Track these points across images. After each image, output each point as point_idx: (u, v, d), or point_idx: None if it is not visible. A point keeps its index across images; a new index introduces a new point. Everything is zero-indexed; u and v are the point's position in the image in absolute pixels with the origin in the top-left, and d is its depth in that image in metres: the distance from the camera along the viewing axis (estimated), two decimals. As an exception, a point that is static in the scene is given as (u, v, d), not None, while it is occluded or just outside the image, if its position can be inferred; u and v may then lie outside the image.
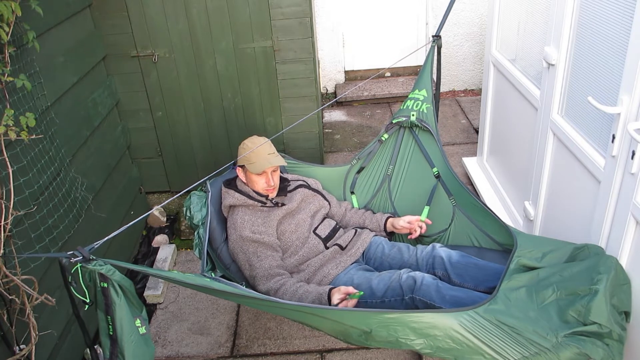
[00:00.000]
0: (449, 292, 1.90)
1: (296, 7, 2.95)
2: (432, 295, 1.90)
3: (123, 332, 1.42)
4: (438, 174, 2.42)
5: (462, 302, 1.86)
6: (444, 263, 2.09)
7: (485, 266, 2.05)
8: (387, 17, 4.75)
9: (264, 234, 2.14)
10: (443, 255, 2.11)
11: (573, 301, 1.61)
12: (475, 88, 4.92)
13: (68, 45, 2.50)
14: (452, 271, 2.07)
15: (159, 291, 2.76)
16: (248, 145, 2.24)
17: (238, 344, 2.50)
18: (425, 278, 1.94)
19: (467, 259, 2.09)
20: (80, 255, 1.35)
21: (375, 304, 1.99)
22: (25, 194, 1.95)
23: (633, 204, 1.66)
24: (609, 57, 1.78)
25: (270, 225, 2.18)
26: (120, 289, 1.42)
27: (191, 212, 2.30)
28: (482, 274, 2.03)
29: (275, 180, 2.24)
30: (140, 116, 3.24)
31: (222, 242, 2.28)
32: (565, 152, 2.14)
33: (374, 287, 2.01)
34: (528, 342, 1.55)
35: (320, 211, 2.35)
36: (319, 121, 3.37)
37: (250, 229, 2.15)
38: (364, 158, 2.59)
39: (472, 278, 2.04)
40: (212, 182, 2.39)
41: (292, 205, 2.27)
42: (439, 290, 1.91)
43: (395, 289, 1.97)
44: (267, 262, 2.09)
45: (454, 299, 1.88)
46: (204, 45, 3.05)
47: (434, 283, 1.93)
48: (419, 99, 2.53)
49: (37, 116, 2.09)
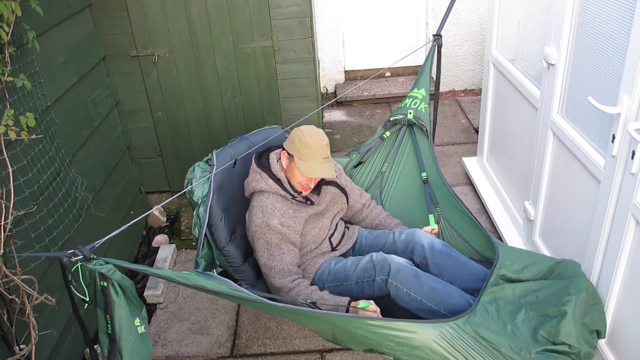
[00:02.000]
0: (427, 282, 1.91)
1: (296, 7, 2.95)
2: (410, 282, 1.89)
3: (122, 331, 1.44)
4: (426, 179, 2.44)
5: (438, 295, 1.88)
6: (425, 251, 2.08)
7: (466, 263, 2.07)
8: (387, 17, 4.75)
9: (291, 229, 2.05)
10: (424, 244, 2.10)
11: (543, 322, 1.67)
12: (475, 88, 4.92)
13: (68, 45, 2.50)
14: (432, 260, 2.06)
15: (159, 291, 2.76)
16: (307, 142, 1.99)
17: (238, 343, 2.50)
18: (400, 263, 1.94)
19: (449, 251, 2.09)
20: (81, 254, 1.35)
21: (350, 286, 2.01)
22: (25, 194, 1.95)
23: (633, 204, 1.66)
24: (609, 57, 1.78)
25: (299, 222, 2.09)
26: (120, 288, 1.42)
27: (192, 187, 2.14)
28: (461, 272, 2.04)
29: (314, 184, 2.11)
30: (140, 116, 3.24)
31: (219, 221, 2.14)
32: (565, 152, 2.14)
33: (347, 268, 2.04)
34: (503, 357, 1.60)
35: (338, 214, 2.29)
36: (319, 121, 3.37)
37: (280, 219, 2.03)
38: (363, 153, 2.60)
39: (450, 274, 2.04)
40: (218, 153, 2.21)
41: (320, 206, 2.18)
42: (417, 277, 1.91)
43: (367, 270, 1.98)
44: (289, 257, 2.04)
45: (431, 291, 1.88)
46: (204, 45, 3.05)
47: (412, 270, 1.93)
48: (418, 98, 2.55)
49: (37, 116, 2.09)
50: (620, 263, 1.77)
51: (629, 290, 1.76)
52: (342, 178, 2.34)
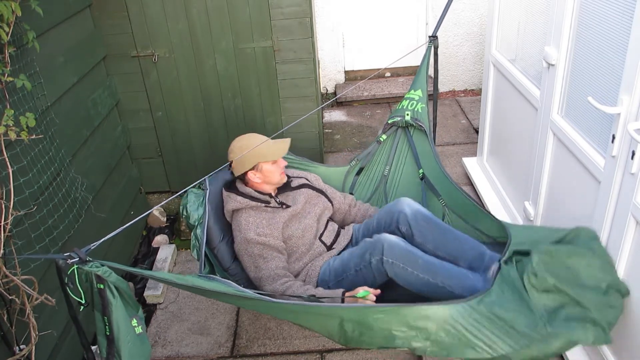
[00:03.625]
0: (422, 256, 1.92)
1: (296, 7, 2.95)
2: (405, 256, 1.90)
3: (119, 332, 1.45)
4: (423, 175, 2.44)
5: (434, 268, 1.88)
6: (408, 218, 2.11)
7: (449, 230, 2.09)
8: (387, 17, 4.75)
9: (269, 236, 2.12)
10: (407, 212, 2.12)
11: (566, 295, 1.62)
12: (475, 88, 4.92)
13: (68, 45, 2.50)
14: (416, 228, 2.09)
15: (159, 291, 2.76)
16: (251, 143, 2.18)
17: (238, 344, 2.50)
18: (393, 240, 1.94)
19: (432, 218, 2.12)
20: (77, 257, 1.35)
21: (351, 277, 2.01)
22: (25, 194, 1.95)
23: (633, 204, 1.66)
24: (609, 57, 1.78)
25: (276, 227, 2.15)
26: (116, 290, 1.44)
27: (188, 211, 2.22)
28: (444, 239, 2.06)
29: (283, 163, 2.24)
30: (140, 116, 3.24)
31: (219, 242, 2.23)
32: (565, 152, 2.14)
33: (345, 260, 2.06)
34: (519, 335, 1.55)
35: (324, 213, 2.32)
36: (319, 121, 3.37)
37: (255, 230, 2.12)
38: (362, 159, 2.60)
39: (434, 240, 2.07)
40: (210, 180, 2.32)
41: (297, 207, 2.24)
42: (411, 252, 1.92)
43: (363, 255, 1.98)
44: (274, 263, 2.08)
45: (426, 265, 1.89)
46: (204, 45, 3.05)
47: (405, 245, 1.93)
48: (414, 99, 2.57)
49: (37, 116, 2.09)
50: (620, 263, 1.76)
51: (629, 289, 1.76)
52: (319, 183, 2.45)
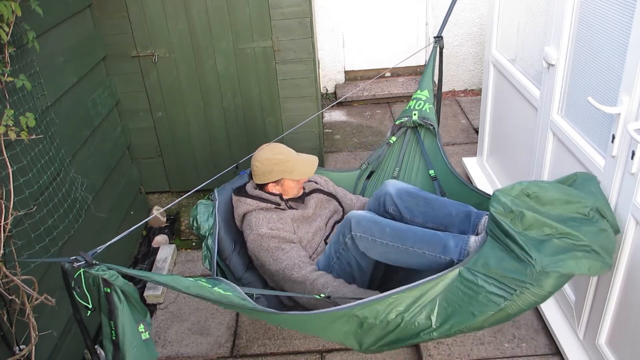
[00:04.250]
0: (388, 224, 1.88)
1: (296, 7, 2.95)
2: (372, 227, 1.86)
3: (125, 338, 1.41)
4: (435, 176, 2.43)
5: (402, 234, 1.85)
6: (393, 198, 2.09)
7: (435, 199, 2.07)
8: (387, 17, 4.75)
9: (281, 230, 2.08)
10: (391, 191, 2.11)
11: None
12: (475, 88, 4.92)
13: (68, 45, 2.50)
14: (402, 205, 2.08)
15: (159, 291, 2.76)
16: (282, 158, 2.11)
17: (238, 344, 2.50)
18: (359, 214, 1.91)
19: (416, 192, 2.10)
20: (83, 260, 1.33)
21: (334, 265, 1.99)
22: (25, 194, 1.95)
23: (633, 204, 1.66)
24: (609, 57, 1.78)
25: (286, 222, 2.11)
26: (123, 294, 1.41)
27: (198, 222, 2.21)
28: (431, 209, 2.05)
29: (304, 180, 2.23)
30: (140, 116, 3.25)
31: (231, 252, 2.20)
32: (565, 152, 2.14)
33: (327, 252, 2.03)
34: (512, 282, 1.49)
35: (333, 217, 2.30)
36: (319, 121, 3.37)
37: (267, 225, 2.08)
38: (373, 162, 2.60)
39: (422, 213, 2.06)
40: (219, 190, 2.31)
41: (308, 211, 2.21)
42: (377, 222, 1.88)
43: (338, 239, 1.96)
44: (294, 252, 2.03)
45: (393, 231, 1.85)
46: (204, 46, 3.05)
47: (372, 217, 1.89)
48: (421, 99, 2.56)
49: (37, 116, 2.09)
50: (620, 263, 1.77)
51: (629, 290, 1.76)
52: (329, 186, 2.43)
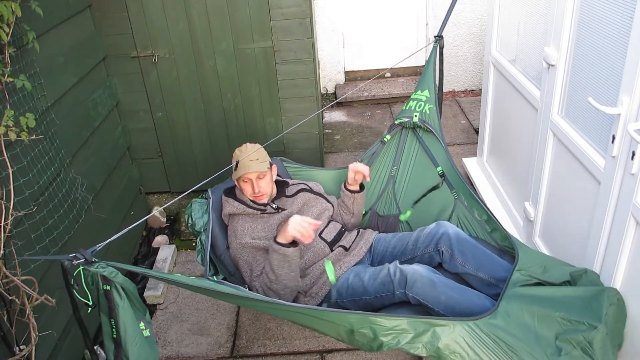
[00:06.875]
0: (445, 292, 1.85)
1: (296, 8, 2.95)
2: (427, 292, 1.85)
3: (127, 335, 1.40)
4: (442, 172, 2.42)
5: (457, 307, 1.83)
6: (450, 239, 2.06)
7: (491, 254, 2.04)
8: (387, 18, 4.75)
9: (263, 240, 2.13)
10: (450, 232, 2.08)
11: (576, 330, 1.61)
12: (475, 88, 4.93)
13: (68, 45, 2.50)
14: (457, 247, 2.04)
15: (159, 292, 2.76)
16: (236, 154, 2.26)
17: (238, 344, 2.50)
18: (416, 272, 1.88)
19: (474, 241, 2.07)
20: (83, 258, 1.33)
21: (369, 300, 1.98)
22: (26, 195, 1.95)
23: (633, 204, 1.66)
24: (609, 58, 1.78)
25: (271, 230, 2.15)
26: (123, 292, 1.40)
27: (193, 219, 2.30)
28: (486, 259, 2.01)
29: (261, 187, 2.19)
30: (140, 117, 3.24)
31: (224, 249, 2.25)
32: (565, 152, 2.14)
33: (365, 283, 2.00)
34: None
35: (324, 213, 2.30)
36: (319, 122, 3.37)
37: (251, 235, 2.15)
38: (367, 159, 2.59)
39: (475, 259, 2.02)
40: (213, 189, 2.38)
41: (293, 209, 2.23)
42: (434, 287, 1.85)
43: (386, 284, 1.93)
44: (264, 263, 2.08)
45: (449, 301, 1.84)
46: (204, 46, 3.05)
47: (429, 279, 1.86)
48: (422, 100, 2.54)
49: (37, 117, 2.09)
50: (620, 263, 1.76)
51: (629, 290, 1.76)
52: (319, 188, 2.47)
